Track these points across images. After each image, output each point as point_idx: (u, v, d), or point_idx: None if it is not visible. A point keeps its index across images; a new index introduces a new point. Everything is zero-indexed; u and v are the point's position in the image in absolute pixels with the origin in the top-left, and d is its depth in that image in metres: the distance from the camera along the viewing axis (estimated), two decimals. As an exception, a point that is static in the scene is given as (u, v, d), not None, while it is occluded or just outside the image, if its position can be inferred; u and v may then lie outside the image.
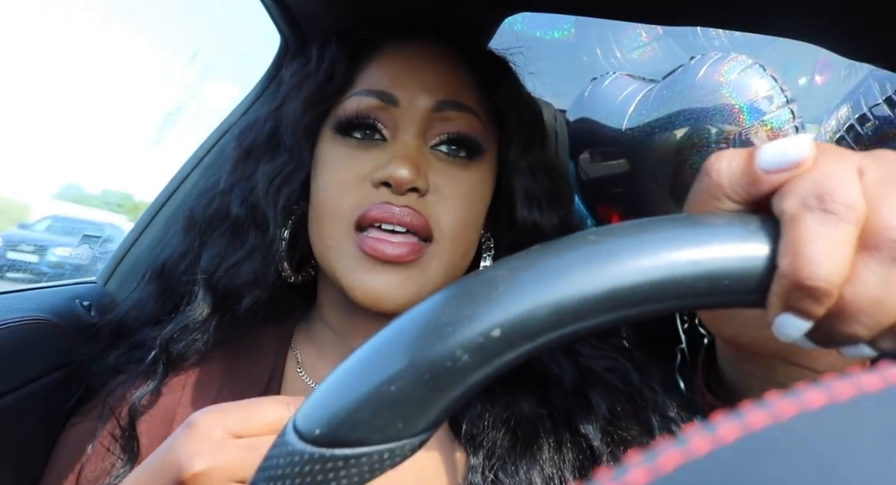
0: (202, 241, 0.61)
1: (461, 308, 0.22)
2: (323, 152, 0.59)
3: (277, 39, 0.87)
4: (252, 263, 0.58)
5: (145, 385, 0.57)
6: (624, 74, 1.10)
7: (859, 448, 0.12)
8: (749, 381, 0.35)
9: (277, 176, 0.59)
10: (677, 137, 0.92)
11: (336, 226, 0.55)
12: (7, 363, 0.56)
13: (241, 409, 0.41)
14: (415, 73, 0.59)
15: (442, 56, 0.61)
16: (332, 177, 0.57)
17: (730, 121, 0.89)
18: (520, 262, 0.23)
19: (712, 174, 0.27)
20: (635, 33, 1.52)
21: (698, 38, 1.46)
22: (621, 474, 0.13)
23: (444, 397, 0.22)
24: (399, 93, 0.58)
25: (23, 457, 0.58)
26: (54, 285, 0.74)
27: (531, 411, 0.55)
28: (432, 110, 0.58)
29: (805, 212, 0.23)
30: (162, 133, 2.42)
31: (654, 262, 0.22)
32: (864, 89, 0.98)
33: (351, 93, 0.59)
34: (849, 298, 0.23)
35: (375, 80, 0.59)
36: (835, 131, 1.03)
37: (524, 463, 0.52)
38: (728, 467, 0.13)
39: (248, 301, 0.57)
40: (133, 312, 0.63)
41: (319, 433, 0.22)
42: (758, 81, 0.89)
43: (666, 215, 0.25)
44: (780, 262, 0.23)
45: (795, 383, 0.33)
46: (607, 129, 1.02)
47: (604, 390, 0.57)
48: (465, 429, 0.54)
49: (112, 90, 26.85)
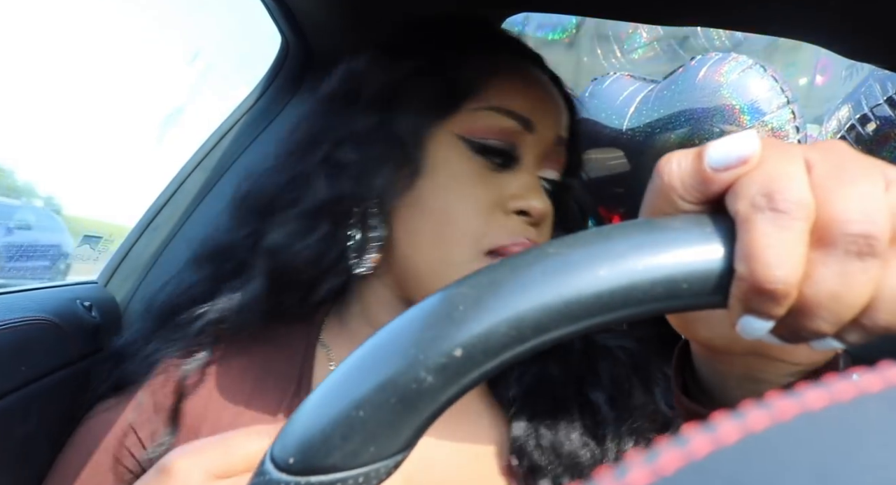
0: (268, 218, 0.58)
1: (424, 330, 0.23)
2: (446, 161, 0.57)
3: (279, 40, 0.87)
4: (322, 248, 0.56)
5: (193, 358, 0.57)
6: (625, 75, 1.10)
7: (861, 449, 0.12)
8: (727, 380, 0.35)
9: (375, 166, 0.56)
10: (678, 137, 0.92)
11: (464, 247, 0.55)
12: (8, 364, 0.56)
13: (218, 446, 0.40)
14: (546, 100, 0.60)
15: (554, 87, 0.63)
16: (463, 194, 0.56)
17: (730, 121, 0.89)
18: (480, 279, 0.23)
19: (663, 176, 0.27)
20: (636, 34, 1.52)
21: (699, 38, 1.46)
22: (622, 475, 0.13)
23: (412, 418, 0.22)
24: (535, 120, 0.58)
25: (24, 457, 0.58)
26: (55, 285, 0.74)
27: (558, 378, 0.58)
28: (554, 143, 0.60)
29: (755, 213, 0.23)
30: (162, 133, 2.41)
31: (611, 270, 0.23)
32: (865, 89, 0.98)
33: (481, 106, 0.57)
34: (808, 295, 0.23)
35: (510, 100, 0.57)
36: (836, 131, 1.03)
37: (561, 427, 0.55)
38: (729, 468, 0.13)
39: (306, 285, 0.56)
40: (182, 295, 0.61)
41: (294, 462, 0.22)
42: (758, 82, 0.89)
43: (625, 222, 0.25)
44: (736, 266, 0.23)
45: (773, 378, 0.33)
46: (608, 129, 1.02)
47: (609, 361, 0.60)
48: (507, 392, 0.58)
49: (112, 91, 26.86)
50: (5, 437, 0.56)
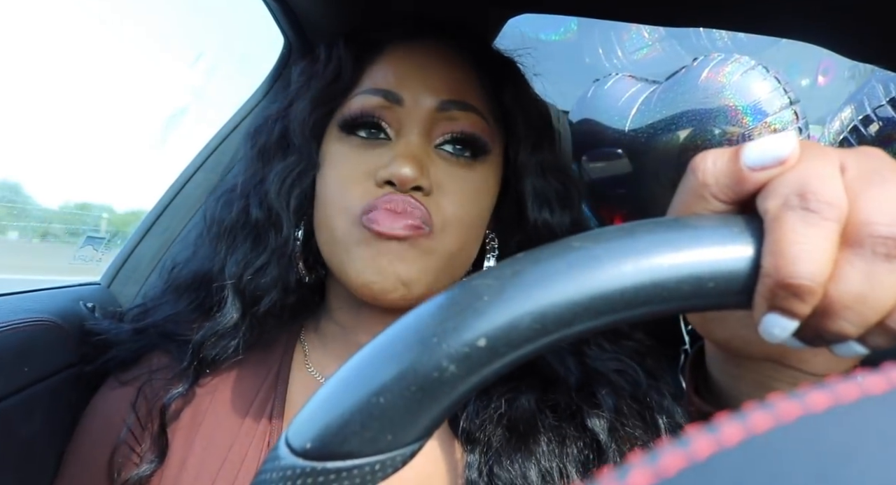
0: (227, 246, 0.61)
1: (447, 319, 0.22)
2: (329, 151, 0.60)
3: (281, 41, 0.87)
4: (274, 265, 0.58)
5: (175, 388, 0.57)
6: (627, 76, 1.10)
7: (863, 451, 0.12)
8: (739, 384, 0.35)
9: (288, 177, 0.59)
10: (680, 138, 0.92)
11: (343, 217, 0.55)
12: (11, 365, 0.57)
13: None
14: (420, 72, 0.59)
15: (448, 56, 0.62)
16: (337, 174, 0.57)
17: (733, 122, 0.89)
18: (504, 270, 0.23)
19: (698, 173, 0.27)
20: (638, 34, 1.51)
21: (701, 39, 1.46)
22: (623, 476, 0.13)
23: (432, 407, 0.22)
24: (404, 92, 0.58)
25: (27, 458, 0.58)
26: (58, 287, 0.74)
27: (529, 407, 0.55)
28: (436, 110, 0.58)
29: (787, 211, 0.23)
30: (165, 135, 2.42)
31: (637, 266, 0.22)
32: (868, 90, 0.98)
33: (356, 92, 0.60)
34: (834, 295, 0.23)
35: (381, 79, 0.59)
36: (838, 133, 1.03)
37: (519, 457, 0.53)
38: (731, 470, 0.13)
39: (268, 302, 0.58)
40: (170, 324, 0.63)
41: (310, 447, 0.22)
42: (760, 83, 0.89)
43: (652, 218, 0.25)
44: (763, 262, 0.23)
45: (786, 386, 0.32)
46: (610, 130, 1.02)
47: (610, 389, 0.57)
48: (462, 426, 0.55)
49: (116, 92, 26.92)
50: (8, 438, 0.56)
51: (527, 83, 0.68)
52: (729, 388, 0.35)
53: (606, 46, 1.49)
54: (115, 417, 0.59)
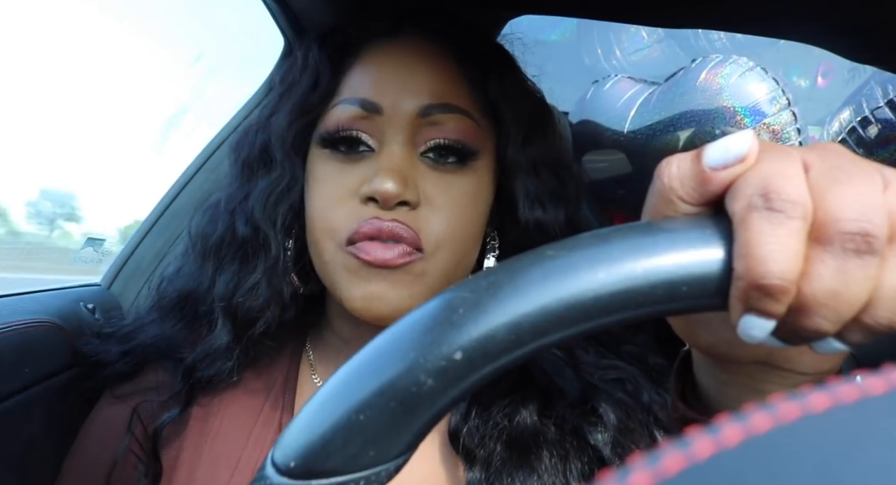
0: (215, 265, 0.59)
1: (424, 333, 0.23)
2: (312, 167, 0.57)
3: (281, 41, 0.87)
4: (265, 285, 0.56)
5: (168, 412, 0.56)
6: (625, 77, 1.10)
7: (863, 452, 0.12)
8: (727, 389, 0.34)
9: (272, 194, 0.57)
10: (679, 139, 0.92)
11: (329, 241, 0.53)
12: (12, 366, 0.57)
13: None
14: (399, 76, 0.56)
15: (429, 53, 0.58)
16: (321, 193, 0.55)
17: (731, 123, 0.89)
18: (480, 282, 0.23)
19: (664, 178, 0.27)
20: (637, 35, 1.52)
21: (700, 40, 1.46)
22: (624, 477, 0.13)
23: (413, 422, 0.22)
24: (382, 99, 0.54)
25: (27, 459, 0.58)
26: (58, 288, 0.74)
27: (530, 422, 0.54)
28: (419, 115, 0.54)
29: (752, 212, 0.23)
30: (165, 135, 2.41)
31: (610, 273, 0.23)
32: (867, 92, 0.98)
33: (334, 102, 0.57)
34: (807, 292, 0.23)
35: (358, 86, 0.56)
36: (837, 134, 1.03)
37: (521, 474, 0.51)
38: (731, 471, 0.13)
39: (263, 324, 0.56)
40: (161, 342, 0.60)
41: (294, 465, 0.23)
42: (758, 84, 0.89)
43: (625, 224, 0.25)
44: (734, 265, 0.23)
45: (775, 388, 0.32)
46: (609, 131, 1.02)
47: (611, 402, 0.55)
48: (463, 442, 0.54)
49: (116, 93, 26.86)
50: (9, 439, 0.56)
51: (515, 72, 0.64)
52: (717, 393, 0.35)
53: (605, 47, 1.50)
54: (111, 435, 0.57)
